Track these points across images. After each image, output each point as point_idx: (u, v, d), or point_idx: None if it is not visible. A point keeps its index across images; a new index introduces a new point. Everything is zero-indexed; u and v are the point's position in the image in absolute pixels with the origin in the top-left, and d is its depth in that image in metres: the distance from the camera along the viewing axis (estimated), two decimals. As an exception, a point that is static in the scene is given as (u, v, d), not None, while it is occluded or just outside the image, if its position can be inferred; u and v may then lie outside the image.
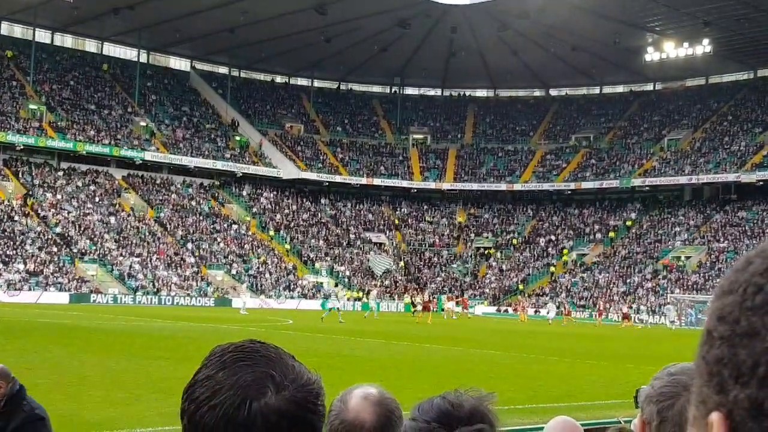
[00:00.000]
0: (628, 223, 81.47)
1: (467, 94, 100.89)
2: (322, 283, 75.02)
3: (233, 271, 72.29)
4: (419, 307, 60.93)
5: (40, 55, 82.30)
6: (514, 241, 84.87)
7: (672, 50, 79.19)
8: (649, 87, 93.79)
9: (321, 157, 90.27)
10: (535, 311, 68.38)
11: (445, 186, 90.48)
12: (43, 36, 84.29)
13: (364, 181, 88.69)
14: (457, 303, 66.66)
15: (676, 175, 79.70)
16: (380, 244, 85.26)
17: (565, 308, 63.23)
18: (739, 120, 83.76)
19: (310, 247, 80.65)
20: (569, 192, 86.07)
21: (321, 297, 70.74)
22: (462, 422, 1.90)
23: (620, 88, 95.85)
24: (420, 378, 21.92)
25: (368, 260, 78.60)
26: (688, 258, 72.93)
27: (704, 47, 77.22)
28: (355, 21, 77.66)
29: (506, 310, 72.51)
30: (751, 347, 0.62)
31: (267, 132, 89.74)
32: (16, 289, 59.17)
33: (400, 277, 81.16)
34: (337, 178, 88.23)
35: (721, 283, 0.68)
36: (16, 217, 67.20)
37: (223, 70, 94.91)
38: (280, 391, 1.32)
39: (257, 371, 1.33)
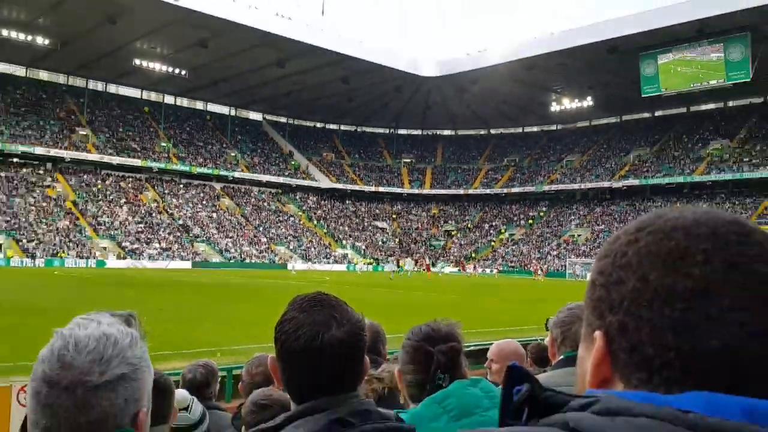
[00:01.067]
0: (541, 214, 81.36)
1: (437, 133, 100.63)
2: (347, 254, 74.97)
3: (290, 246, 72.25)
4: (407, 267, 61.27)
5: (167, 111, 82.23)
6: (469, 226, 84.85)
7: (568, 103, 79.04)
8: (554, 127, 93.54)
9: (345, 174, 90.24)
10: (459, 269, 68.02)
11: (425, 191, 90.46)
12: (169, 99, 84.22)
13: (373, 189, 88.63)
14: (417, 263, 66.07)
15: (571, 183, 79.55)
16: (383, 228, 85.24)
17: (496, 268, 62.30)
18: (611, 148, 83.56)
19: (339, 231, 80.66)
20: (503, 194, 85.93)
21: (346, 262, 70.85)
22: (440, 341, 1.89)
23: (535, 128, 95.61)
24: (412, 314, 22.11)
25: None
26: (579, 236, 72.90)
27: (588, 101, 77.12)
28: (368, 87, 77.61)
29: (459, 270, 72.59)
30: (619, 290, 0.63)
31: (311, 158, 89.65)
32: (154, 260, 59.42)
33: (397, 250, 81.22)
34: (356, 187, 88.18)
35: (600, 251, 0.69)
36: (154, 214, 67.25)
37: (283, 119, 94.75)
38: (340, 327, 1.32)
39: (325, 313, 1.33)
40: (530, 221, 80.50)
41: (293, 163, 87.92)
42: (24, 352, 11.48)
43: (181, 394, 2.97)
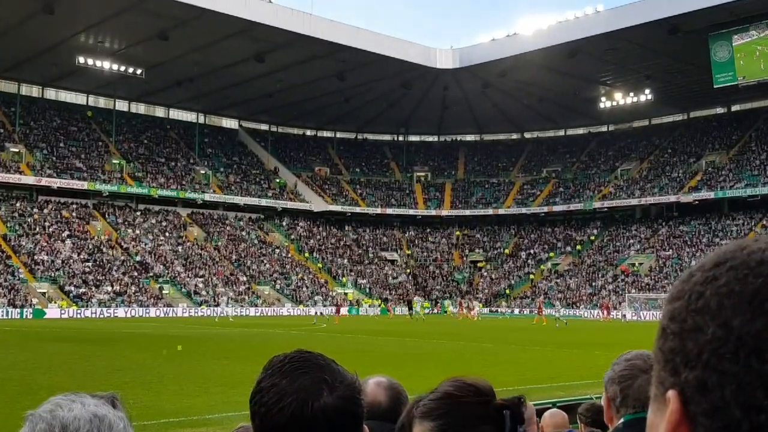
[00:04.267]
0: (592, 237, 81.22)
1: (458, 138, 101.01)
2: (348, 293, 74.88)
3: (277, 286, 72.26)
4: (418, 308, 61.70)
5: (120, 120, 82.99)
6: (501, 255, 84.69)
7: (620, 98, 79.33)
8: (604, 128, 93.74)
9: (344, 193, 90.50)
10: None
11: (444, 212, 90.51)
12: (121, 105, 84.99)
13: (378, 211, 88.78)
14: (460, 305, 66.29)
15: (629, 198, 79.52)
16: (393, 261, 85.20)
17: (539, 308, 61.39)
18: (677, 152, 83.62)
19: (337, 265, 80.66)
20: (543, 214, 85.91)
21: (348, 305, 70.74)
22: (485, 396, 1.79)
23: (580, 130, 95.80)
24: (427, 368, 21.96)
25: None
26: (640, 264, 72.62)
27: (646, 95, 77.39)
28: (368, 84, 78.11)
29: (496, 311, 72.35)
30: (696, 340, 0.64)
31: (300, 175, 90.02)
32: (106, 306, 59.42)
33: (410, 287, 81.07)
34: (357, 209, 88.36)
35: (670, 292, 0.70)
36: (104, 249, 67.49)
37: (264, 126, 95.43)
38: (333, 392, 1.34)
39: (313, 377, 1.35)
40: (578, 247, 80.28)
41: (278, 180, 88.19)
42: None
43: None
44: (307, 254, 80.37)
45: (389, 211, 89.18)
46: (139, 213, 75.31)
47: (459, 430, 1.84)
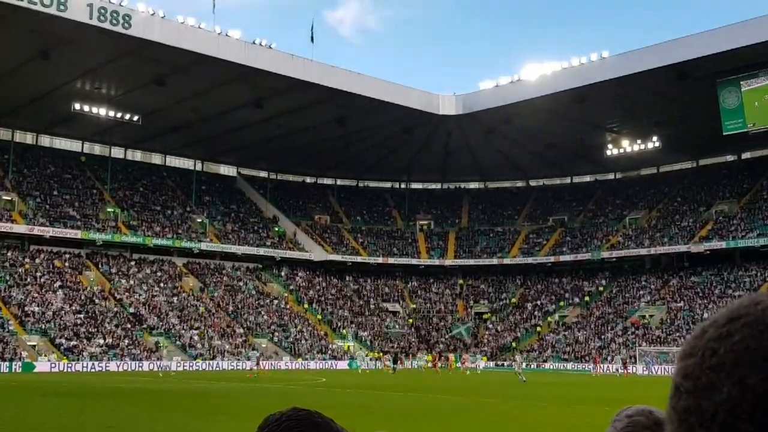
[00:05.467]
0: (600, 288, 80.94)
1: (462, 186, 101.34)
2: (349, 346, 74.37)
3: (275, 339, 71.84)
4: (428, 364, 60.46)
5: (115, 167, 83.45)
6: (507, 306, 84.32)
7: (628, 146, 79.82)
8: (611, 176, 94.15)
9: (344, 242, 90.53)
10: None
11: (447, 262, 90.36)
12: (117, 152, 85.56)
13: (380, 260, 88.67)
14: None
15: (638, 248, 79.44)
16: (395, 312, 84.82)
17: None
18: (686, 201, 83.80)
19: (337, 316, 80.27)
20: (550, 264, 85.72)
21: (348, 358, 70.23)
22: None
23: (587, 178, 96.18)
24: (431, 424, 21.68)
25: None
26: (651, 316, 72.24)
27: (654, 143, 77.87)
28: (369, 130, 78.67)
29: (502, 364, 71.73)
30: (711, 399, 0.64)
31: (300, 223, 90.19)
32: (98, 360, 59.02)
33: (413, 339, 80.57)
34: (358, 259, 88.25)
35: (683, 348, 0.71)
36: (97, 300, 67.31)
37: (263, 173, 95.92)
38: None
39: None
40: (586, 298, 79.96)
41: (277, 229, 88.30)
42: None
43: None
44: (306, 305, 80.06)
45: (391, 260, 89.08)
46: (133, 262, 75.25)
47: None
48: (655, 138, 77.21)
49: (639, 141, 78.48)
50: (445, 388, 39.76)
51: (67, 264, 70.83)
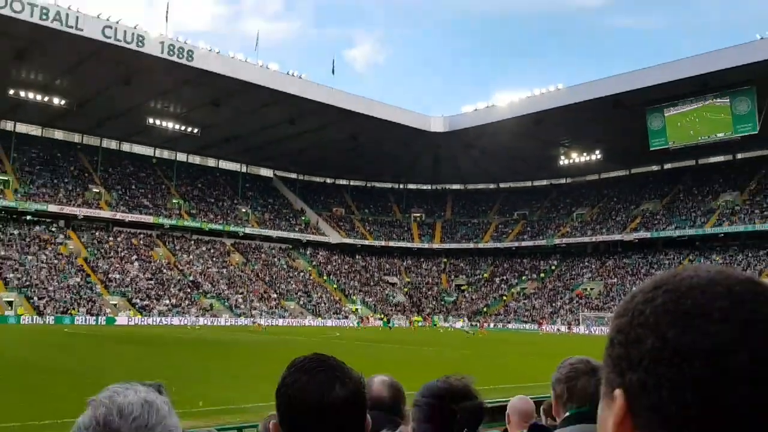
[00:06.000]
0: (553, 267, 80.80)
1: (447, 187, 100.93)
2: (357, 309, 74.40)
3: (301, 302, 71.86)
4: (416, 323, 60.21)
5: (180, 168, 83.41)
6: (480, 280, 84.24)
7: (576, 157, 79.44)
8: (563, 180, 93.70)
9: (355, 229, 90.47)
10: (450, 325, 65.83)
11: (435, 246, 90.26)
12: (181, 156, 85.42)
13: (383, 243, 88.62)
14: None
15: (582, 236, 79.27)
16: (394, 283, 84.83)
17: (480, 323, 60.80)
18: (621, 200, 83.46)
19: (349, 286, 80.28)
20: (514, 248, 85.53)
21: (356, 318, 70.28)
22: (460, 398, 1.83)
23: (544, 182, 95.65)
24: (414, 369, 21.77)
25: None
26: (592, 289, 72.15)
27: (596, 155, 77.52)
28: (376, 143, 78.47)
29: (475, 324, 71.79)
30: (638, 348, 0.64)
31: (321, 214, 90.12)
32: (164, 316, 59.20)
33: (407, 304, 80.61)
34: (366, 242, 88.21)
35: (617, 309, 0.70)
36: (164, 271, 67.43)
37: (294, 175, 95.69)
38: (343, 387, 1.35)
39: (328, 374, 1.36)
40: (542, 275, 79.83)
41: (304, 218, 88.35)
42: (46, 412, 11.44)
43: None
44: (325, 277, 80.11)
45: (391, 243, 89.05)
46: (192, 242, 75.32)
47: (421, 422, 1.91)
48: (597, 151, 76.91)
49: (585, 153, 78.17)
50: (425, 341, 39.83)
51: (141, 242, 70.91)
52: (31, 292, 55.59)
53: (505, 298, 78.00)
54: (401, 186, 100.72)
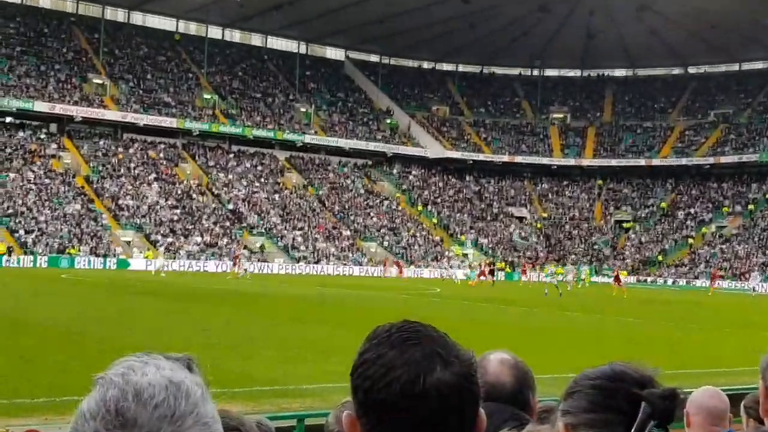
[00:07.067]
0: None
1: (605, 74, 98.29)
2: (467, 254, 74.82)
3: (385, 243, 72.97)
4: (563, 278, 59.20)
5: (212, 49, 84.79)
6: (654, 214, 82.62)
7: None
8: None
9: (465, 137, 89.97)
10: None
11: (585, 162, 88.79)
12: (214, 32, 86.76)
13: (506, 158, 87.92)
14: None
15: (817, 149, 75.59)
16: (521, 218, 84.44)
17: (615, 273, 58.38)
18: None
19: (455, 221, 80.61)
20: (708, 166, 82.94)
21: (466, 267, 70.65)
22: (641, 384, 1.84)
23: (759, 65, 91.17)
24: (556, 342, 21.70)
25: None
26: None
27: None
28: (498, 8, 76.75)
29: (645, 280, 70.77)
30: None
31: (415, 115, 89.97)
32: (195, 259, 61.59)
33: (540, 249, 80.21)
34: (481, 156, 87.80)
35: None
36: (194, 195, 69.82)
37: (374, 58, 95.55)
38: (447, 367, 1.35)
39: (425, 349, 1.36)
40: (750, 207, 77.27)
41: (389, 121, 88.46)
42: (39, 388, 12.31)
43: None
44: (420, 207, 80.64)
45: (518, 159, 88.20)
46: (232, 155, 77.30)
47: (581, 412, 1.89)
48: None
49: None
50: (563, 304, 39.57)
51: (161, 155, 73.42)
52: (16, 223, 59.16)
53: (691, 241, 76.20)
54: (535, 73, 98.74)
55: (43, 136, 69.53)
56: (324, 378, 14.33)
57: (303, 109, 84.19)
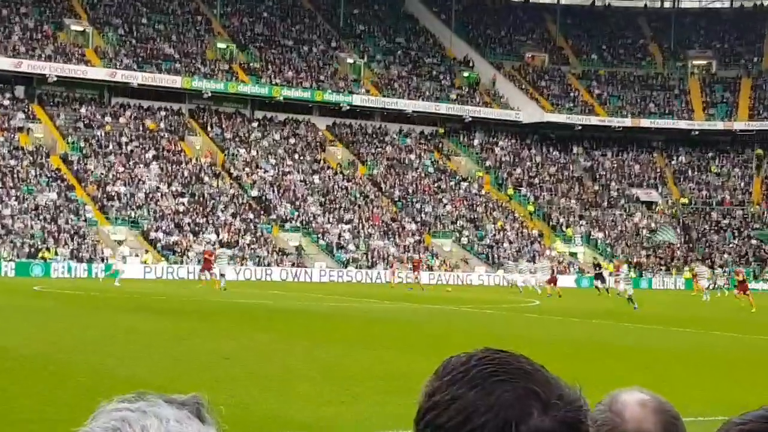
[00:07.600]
0: None
1: (765, 4, 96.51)
2: (576, 253, 74.20)
3: (463, 240, 72.68)
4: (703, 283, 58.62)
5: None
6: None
7: None
8: None
9: (572, 95, 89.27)
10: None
11: (738, 126, 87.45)
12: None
13: (628, 122, 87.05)
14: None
15: None
16: (651, 202, 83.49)
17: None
18: None
19: (559, 208, 79.96)
20: None
21: (574, 270, 70.14)
22: None
23: None
24: (702, 374, 21.39)
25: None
26: None
27: None
28: None
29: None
30: None
31: (502, 65, 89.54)
32: (207, 264, 62.08)
33: (678, 246, 79.19)
34: (593, 120, 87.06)
35: None
36: (206, 179, 70.21)
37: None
38: (548, 411, 1.33)
39: (517, 388, 1.34)
40: None
41: (467, 75, 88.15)
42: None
43: None
44: (510, 191, 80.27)
45: (646, 122, 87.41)
46: (256, 124, 77.73)
47: None
48: None
49: None
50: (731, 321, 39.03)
51: (162, 125, 74.09)
52: (-25, 218, 60.23)
53: None
54: (667, 4, 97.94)
55: (6, 103, 70.54)
56: (382, 423, 14.29)
57: (350, 61, 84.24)
